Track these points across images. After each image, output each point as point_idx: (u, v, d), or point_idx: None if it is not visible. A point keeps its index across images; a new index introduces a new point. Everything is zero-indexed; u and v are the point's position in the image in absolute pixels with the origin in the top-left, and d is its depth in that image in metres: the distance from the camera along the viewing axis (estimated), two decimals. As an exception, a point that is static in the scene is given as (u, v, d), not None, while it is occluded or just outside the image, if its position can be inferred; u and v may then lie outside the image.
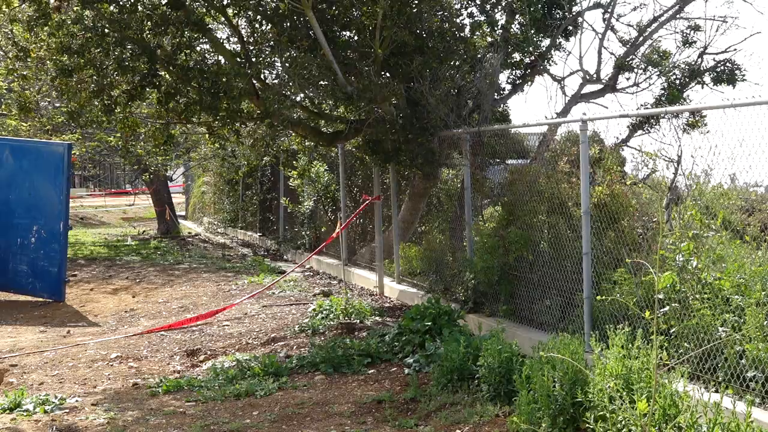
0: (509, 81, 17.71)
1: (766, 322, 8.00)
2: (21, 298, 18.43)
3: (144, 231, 33.20)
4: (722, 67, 17.68)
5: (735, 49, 17.85)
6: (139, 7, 13.76)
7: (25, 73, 17.52)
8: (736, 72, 17.57)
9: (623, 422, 7.53)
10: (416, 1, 13.64)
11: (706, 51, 17.94)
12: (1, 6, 15.03)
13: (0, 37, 17.90)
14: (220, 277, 20.50)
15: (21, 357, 13.27)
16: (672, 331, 8.73)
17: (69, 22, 13.49)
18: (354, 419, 9.87)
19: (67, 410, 10.37)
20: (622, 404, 7.61)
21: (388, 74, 14.26)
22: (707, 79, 17.79)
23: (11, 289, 18.57)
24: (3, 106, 23.88)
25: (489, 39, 16.79)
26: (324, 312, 14.92)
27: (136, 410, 10.43)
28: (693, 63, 17.85)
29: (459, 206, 14.59)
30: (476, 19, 16.80)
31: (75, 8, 13.54)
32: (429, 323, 12.55)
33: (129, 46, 13.60)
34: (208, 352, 13.27)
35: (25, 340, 14.63)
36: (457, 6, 15.89)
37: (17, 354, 13.46)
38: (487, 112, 14.69)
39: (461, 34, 15.29)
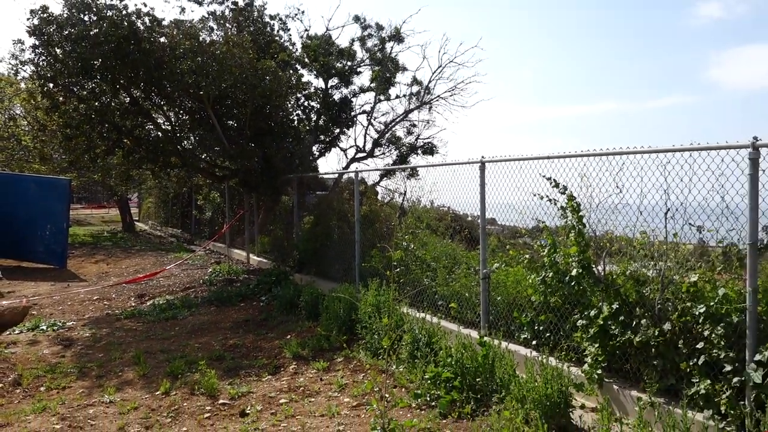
0: (318, 150, 17.76)
1: (447, 277, 8.31)
2: (40, 266, 17.14)
3: (113, 228, 31.16)
4: (427, 146, 18.38)
5: (433, 137, 18.78)
6: (112, 103, 13.12)
7: (43, 138, 17.64)
8: (434, 148, 18.32)
9: (376, 329, 7.66)
10: (269, 107, 13.53)
11: (419, 137, 18.61)
12: (29, 99, 14.42)
13: (29, 118, 17.38)
14: (158, 254, 19.58)
15: (39, 299, 12.38)
16: (401, 281, 8.93)
17: (70, 110, 12.75)
18: (232, 331, 9.66)
19: (67, 329, 9.90)
20: (375, 319, 7.75)
21: (253, 144, 14.00)
22: (420, 151, 18.46)
23: (34, 261, 17.45)
24: (30, 157, 22.60)
25: (307, 127, 16.82)
26: (216, 272, 14.64)
27: (108, 328, 9.96)
28: (412, 143, 18.45)
29: (291, 215, 14.45)
30: (301, 117, 16.82)
31: (74, 102, 12.76)
32: (274, 278, 12.51)
33: (106, 125, 12.93)
34: (151, 295, 12.67)
35: (41, 290, 13.70)
36: (291, 110, 15.82)
37: (37, 297, 12.57)
38: (306, 166, 14.70)
39: (293, 125, 15.21)
